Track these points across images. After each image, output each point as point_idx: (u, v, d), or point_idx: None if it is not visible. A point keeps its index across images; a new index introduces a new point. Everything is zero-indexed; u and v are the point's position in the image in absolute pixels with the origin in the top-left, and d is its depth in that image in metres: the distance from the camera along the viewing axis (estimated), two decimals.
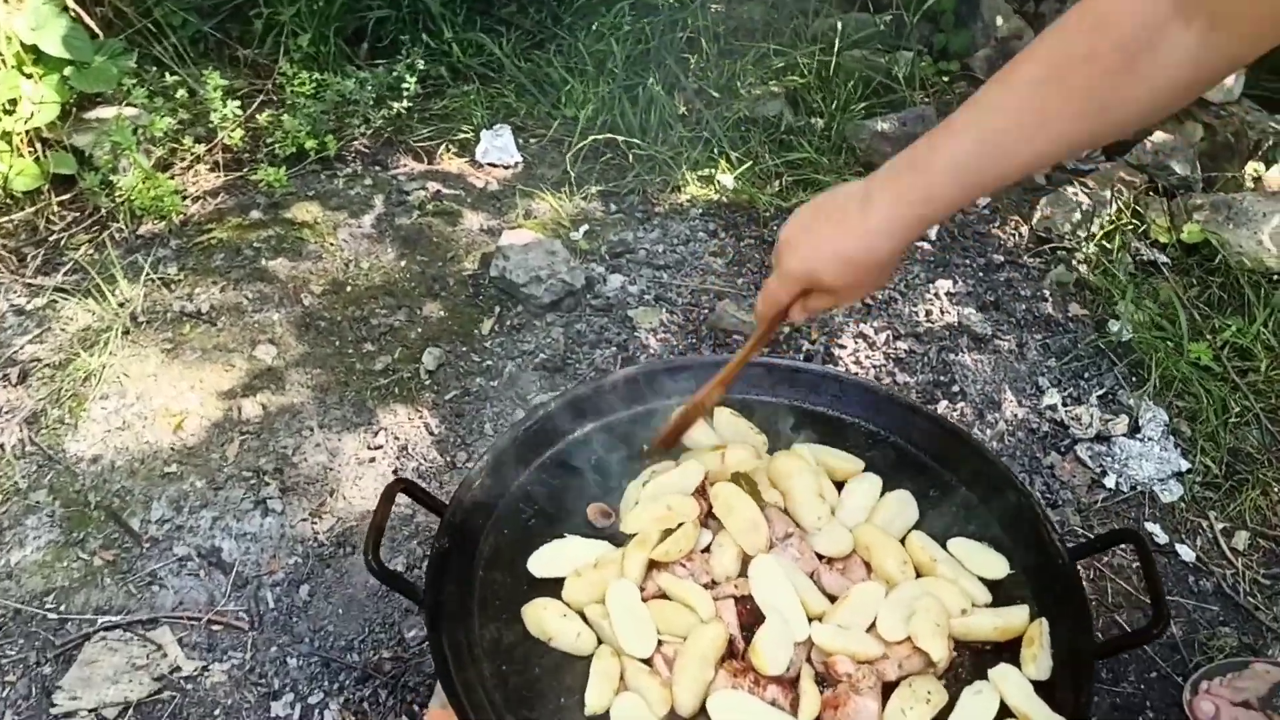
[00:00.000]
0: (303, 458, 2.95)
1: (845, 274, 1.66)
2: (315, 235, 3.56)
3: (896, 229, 1.59)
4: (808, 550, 2.06)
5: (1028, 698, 1.86)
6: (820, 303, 1.78)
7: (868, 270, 1.66)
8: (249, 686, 2.50)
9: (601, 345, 3.27)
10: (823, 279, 1.67)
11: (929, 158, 1.53)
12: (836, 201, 1.65)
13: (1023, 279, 3.49)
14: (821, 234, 1.65)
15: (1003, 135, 1.48)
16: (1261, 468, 3.01)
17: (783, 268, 1.73)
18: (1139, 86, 1.39)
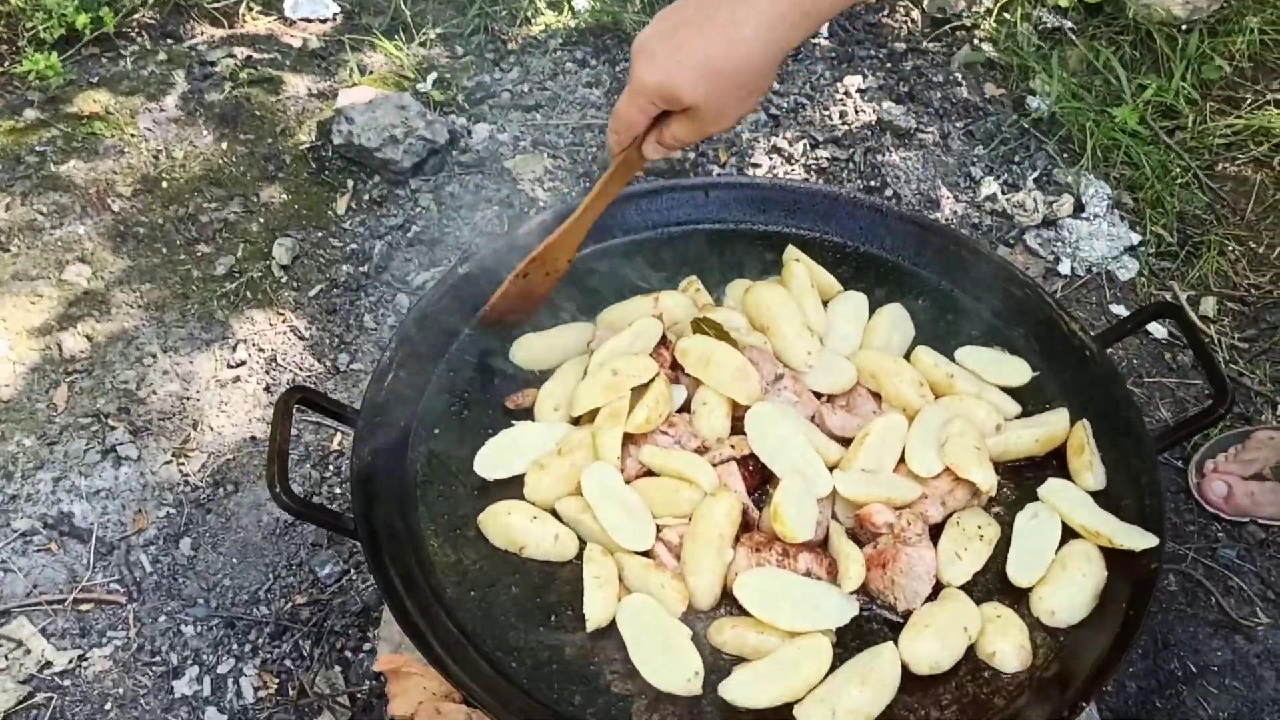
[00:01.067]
0: (150, 391, 2.45)
1: (710, 89, 1.39)
2: (110, 128, 2.96)
3: (775, 33, 1.37)
4: (805, 391, 1.73)
5: (1091, 511, 1.59)
6: (680, 130, 1.48)
7: (736, 85, 1.40)
8: (141, 669, 2.08)
9: (482, 205, 2.82)
10: (682, 94, 1.40)
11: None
12: (701, 5, 1.39)
13: (930, 65, 3.17)
14: (683, 41, 1.38)
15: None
16: (1213, 228, 2.81)
17: (635, 81, 1.43)
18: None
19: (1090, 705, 1.65)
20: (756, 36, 1.35)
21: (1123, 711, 2.05)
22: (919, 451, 1.62)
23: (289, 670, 2.10)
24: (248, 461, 2.36)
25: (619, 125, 1.50)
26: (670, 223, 2.01)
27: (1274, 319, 2.64)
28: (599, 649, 1.48)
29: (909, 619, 1.49)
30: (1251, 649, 2.12)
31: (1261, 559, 2.24)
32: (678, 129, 1.48)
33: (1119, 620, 1.47)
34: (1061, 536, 1.58)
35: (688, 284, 1.91)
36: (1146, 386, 2.52)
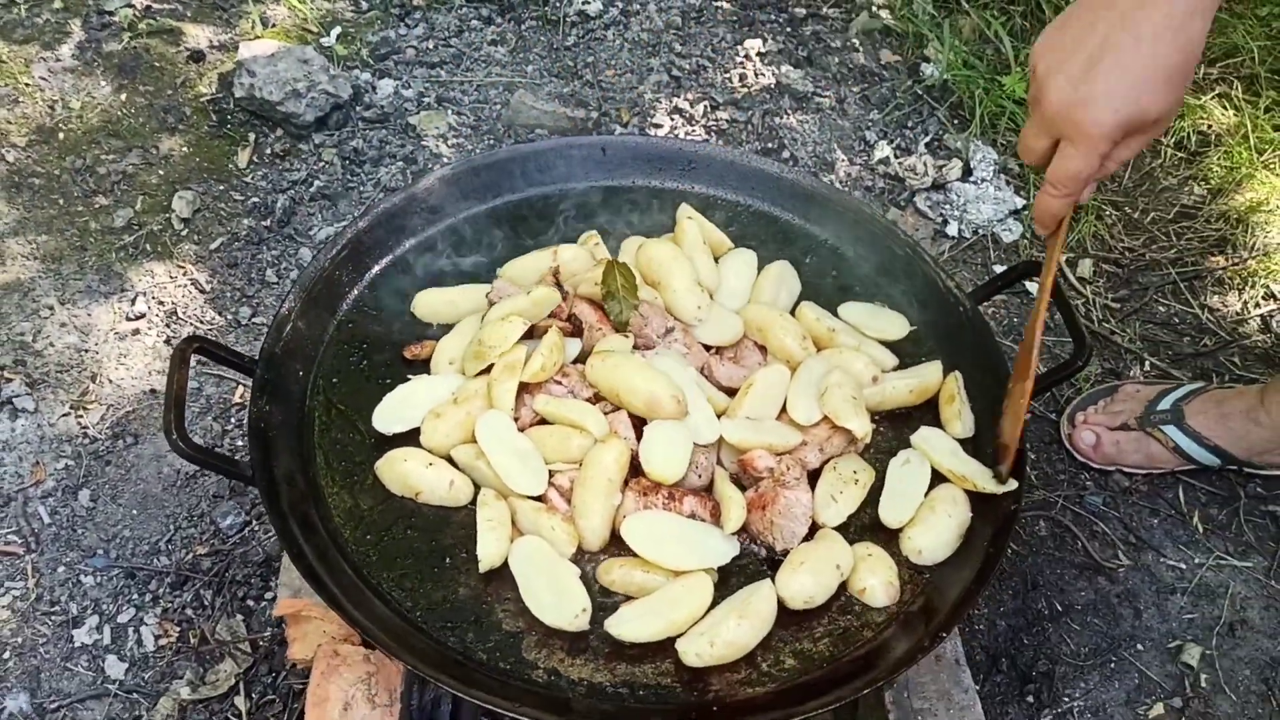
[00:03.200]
0: (47, 343, 2.43)
1: (1173, 92, 1.30)
2: (4, 76, 2.89)
3: (1206, 3, 1.26)
4: (694, 343, 1.80)
5: (957, 457, 1.69)
6: (1129, 150, 1.39)
7: (1190, 72, 1.31)
8: (40, 618, 2.09)
9: (385, 161, 2.83)
10: (1149, 112, 1.31)
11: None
12: (1094, 27, 1.29)
13: (829, 31, 3.24)
14: (1121, 63, 1.28)
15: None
16: (1094, 194, 2.93)
17: (1086, 132, 1.32)
18: None
19: (953, 637, 1.76)
20: (1193, 13, 1.26)
21: (993, 648, 2.17)
22: (799, 401, 1.70)
23: (190, 619, 2.13)
24: (148, 414, 2.36)
25: (1070, 185, 1.41)
26: (569, 179, 2.05)
27: (1144, 280, 2.79)
28: (491, 589, 1.54)
29: (786, 557, 1.58)
30: (1113, 589, 2.26)
31: (1125, 505, 2.38)
32: (1124, 152, 1.39)
33: (980, 558, 1.58)
34: (931, 481, 1.68)
35: (587, 238, 1.96)
36: (1012, 335, 2.65)
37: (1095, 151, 1.34)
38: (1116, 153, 1.38)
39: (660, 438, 1.62)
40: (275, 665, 2.06)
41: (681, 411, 1.65)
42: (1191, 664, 2.16)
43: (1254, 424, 2.27)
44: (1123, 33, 1.27)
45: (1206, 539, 2.34)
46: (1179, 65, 1.28)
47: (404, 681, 1.66)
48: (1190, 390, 2.37)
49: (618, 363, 1.67)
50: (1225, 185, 2.97)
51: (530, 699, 1.40)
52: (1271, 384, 2.26)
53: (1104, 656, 2.17)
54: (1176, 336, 2.69)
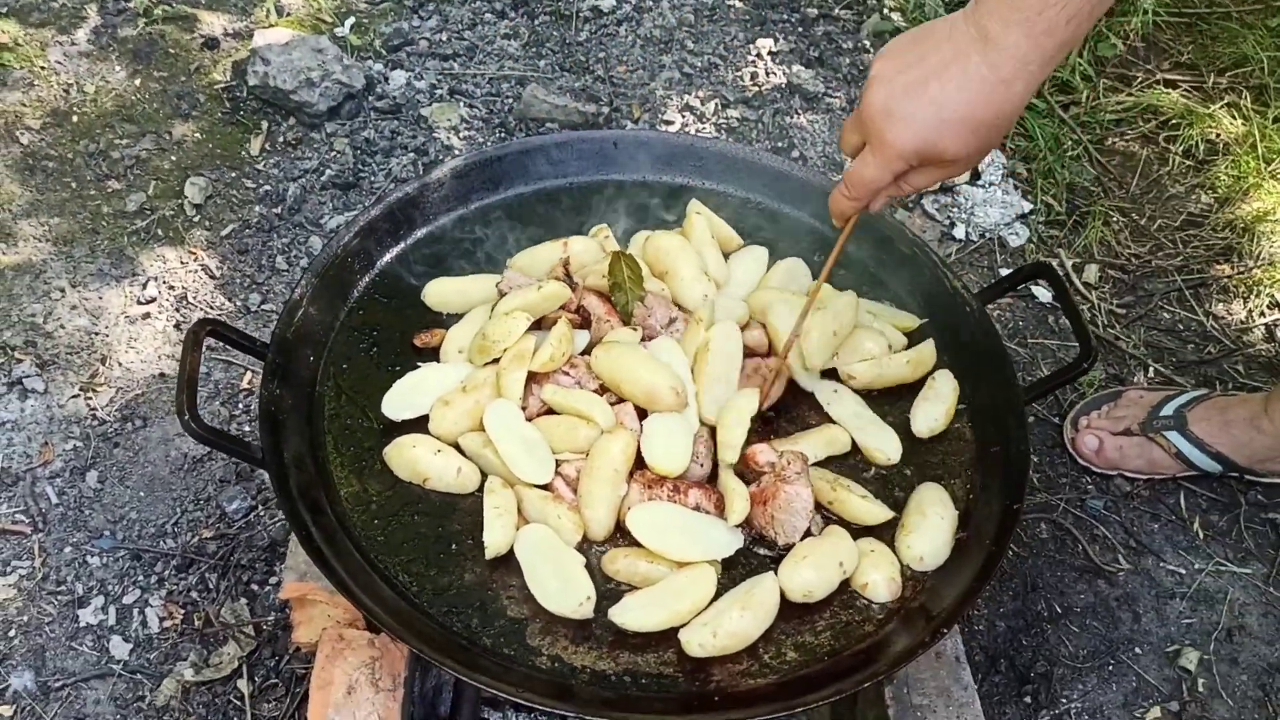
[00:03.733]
0: (58, 324, 2.44)
1: (974, 140, 1.31)
2: (20, 59, 2.91)
3: (1035, 70, 1.25)
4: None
5: (855, 415, 1.76)
6: (922, 179, 1.41)
7: (997, 129, 1.31)
8: (46, 598, 2.10)
9: (397, 152, 2.84)
10: (945, 151, 1.32)
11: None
12: (939, 49, 1.29)
13: (840, 32, 3.25)
14: (936, 94, 1.28)
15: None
16: (1099, 200, 2.95)
17: (886, 144, 1.34)
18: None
19: (953, 634, 1.77)
20: (1016, 77, 1.26)
21: (992, 648, 2.19)
22: None
23: (195, 601, 2.14)
24: (156, 397, 2.38)
25: (859, 190, 1.44)
26: (579, 173, 2.07)
27: (1150, 287, 2.80)
28: (497, 576, 1.56)
29: (790, 551, 1.59)
30: (1112, 593, 2.27)
31: (1126, 510, 2.39)
32: (919, 179, 1.41)
33: (982, 557, 1.59)
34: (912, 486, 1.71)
35: (597, 231, 1.97)
36: (1030, 347, 2.66)
37: (888, 166, 1.37)
38: (911, 177, 1.40)
39: (660, 430, 1.63)
40: (278, 649, 2.08)
41: (681, 403, 1.66)
42: (1189, 668, 2.17)
43: (1256, 431, 2.28)
44: (950, 69, 1.27)
45: (1206, 545, 2.35)
46: (987, 120, 1.29)
47: (408, 666, 1.68)
48: (1194, 397, 2.38)
49: (620, 354, 1.69)
50: (1232, 194, 2.98)
51: (534, 685, 1.42)
52: (1274, 392, 2.27)
53: (1102, 659, 2.18)
54: (1181, 343, 2.70)
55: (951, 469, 1.72)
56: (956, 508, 1.65)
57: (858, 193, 1.44)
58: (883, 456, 1.72)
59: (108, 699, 2.01)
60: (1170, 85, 3.24)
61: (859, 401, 1.77)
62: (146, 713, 1.99)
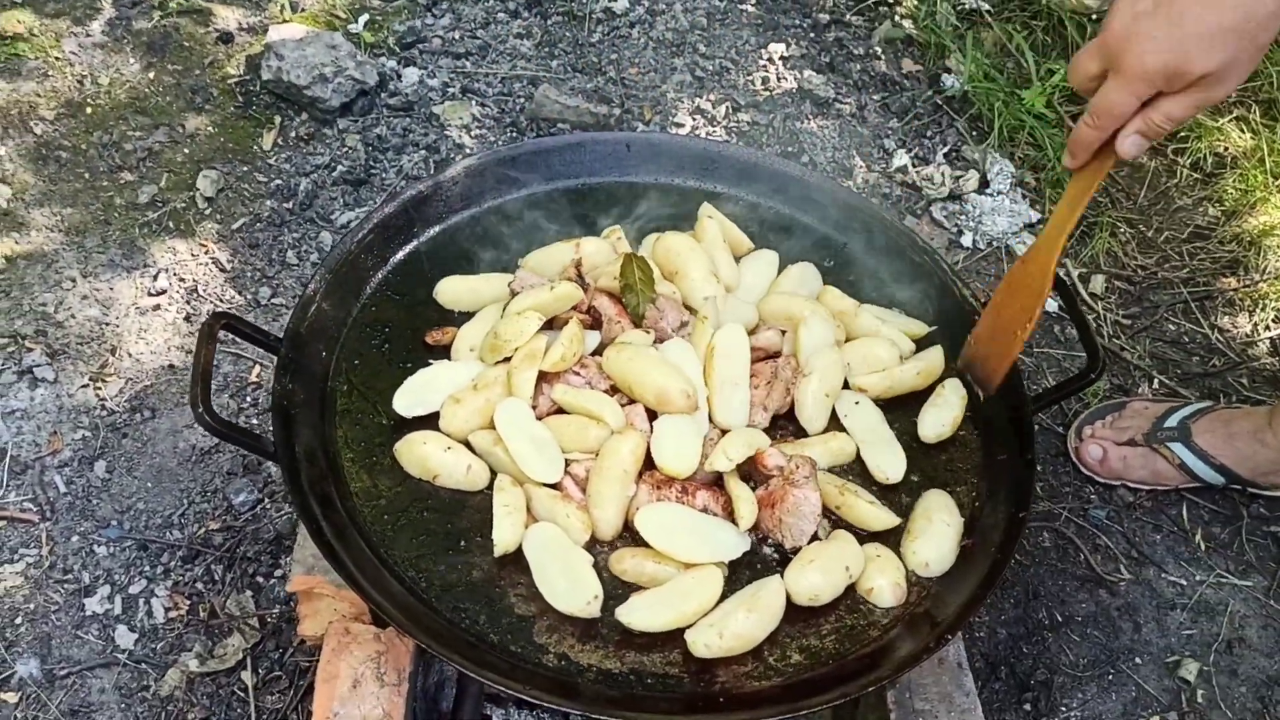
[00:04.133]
0: (69, 314, 2.46)
1: (1222, 51, 1.26)
2: (35, 50, 2.92)
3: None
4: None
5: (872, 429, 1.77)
6: (1176, 107, 1.33)
7: (1251, 37, 1.26)
8: (53, 586, 2.11)
9: (408, 149, 2.85)
10: (1192, 65, 1.27)
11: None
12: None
13: (852, 38, 3.26)
14: (1177, 14, 1.25)
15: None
16: (1106, 210, 2.96)
17: (1127, 67, 1.30)
18: None
19: (956, 641, 1.78)
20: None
21: (993, 655, 2.20)
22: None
23: (200, 593, 2.15)
24: (166, 389, 2.39)
25: (1104, 118, 1.37)
26: (592, 174, 2.08)
27: (1156, 299, 2.81)
28: (505, 574, 1.57)
29: (797, 555, 1.60)
30: (1113, 602, 2.28)
31: (1128, 520, 2.40)
32: (1174, 107, 1.33)
33: (987, 564, 1.60)
34: (918, 492, 1.72)
35: (609, 232, 1.98)
36: (1036, 356, 2.67)
37: (1133, 90, 1.32)
38: (1164, 105, 1.34)
39: (670, 432, 1.64)
40: (283, 642, 2.09)
41: (691, 406, 1.67)
42: (1189, 679, 2.18)
43: (1260, 445, 2.29)
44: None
45: (1208, 557, 2.36)
46: (1235, 27, 1.25)
47: (413, 661, 1.69)
48: (1198, 409, 2.39)
49: (632, 355, 1.69)
50: (1239, 207, 2.99)
51: (540, 682, 1.43)
52: (1278, 406, 2.28)
53: (1102, 668, 2.19)
54: (1186, 355, 2.71)
55: (958, 476, 1.73)
56: (962, 515, 1.67)
57: (1103, 121, 1.38)
58: (882, 475, 1.71)
59: (112, 688, 2.02)
60: None
61: (879, 417, 1.78)
62: (150, 702, 2.00)
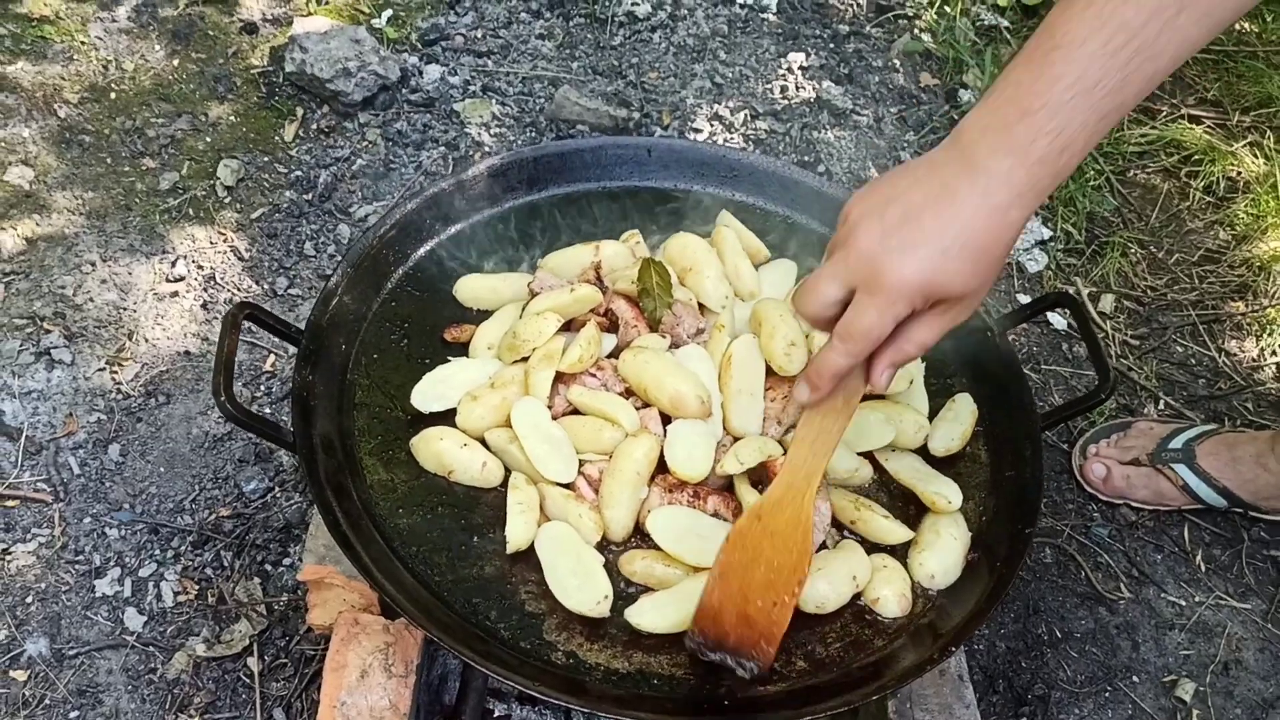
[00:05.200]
0: (87, 298, 2.48)
1: (977, 272, 1.20)
2: (61, 33, 2.95)
3: (1029, 198, 1.17)
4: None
5: (913, 470, 1.76)
6: (927, 331, 1.27)
7: (998, 259, 1.22)
8: (64, 566, 2.13)
9: (428, 145, 2.88)
10: (950, 284, 1.20)
11: (1044, 91, 1.12)
12: (922, 184, 1.21)
13: (871, 50, 3.29)
14: (934, 224, 1.19)
15: (1142, 28, 1.08)
16: (1119, 230, 2.98)
17: (886, 285, 1.21)
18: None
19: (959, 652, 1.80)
20: (1012, 205, 1.17)
21: (992, 669, 2.22)
22: None
23: (209, 578, 2.17)
24: (181, 375, 2.41)
25: (858, 342, 1.27)
26: (612, 178, 2.10)
27: (1165, 320, 2.83)
28: (516, 571, 1.58)
29: None
30: (1112, 620, 2.30)
31: (1130, 539, 2.42)
32: (924, 331, 1.27)
33: (992, 579, 1.62)
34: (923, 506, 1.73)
35: (628, 236, 2.00)
36: (1044, 373, 2.69)
37: (892, 309, 1.23)
38: (914, 331, 1.28)
39: (683, 436, 1.66)
40: (289, 629, 2.11)
41: (705, 412, 1.69)
42: (1185, 699, 2.20)
43: (1262, 469, 2.31)
44: (941, 201, 1.19)
45: (1208, 578, 2.38)
46: (987, 247, 1.19)
47: (421, 653, 1.71)
48: (1203, 431, 2.41)
49: (648, 359, 1.71)
50: (1250, 232, 3.01)
51: (548, 678, 1.44)
52: None
53: (1099, 685, 2.21)
54: (1192, 378, 2.73)
55: (966, 490, 1.74)
56: (969, 529, 1.69)
57: (858, 345, 1.27)
58: (945, 502, 1.68)
59: (120, 669, 2.04)
60: (1194, 121, 3.27)
61: (916, 458, 1.78)
62: (157, 685, 2.02)
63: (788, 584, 1.44)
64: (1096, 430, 2.52)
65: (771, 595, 1.45)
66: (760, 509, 1.48)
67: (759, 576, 1.45)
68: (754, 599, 1.45)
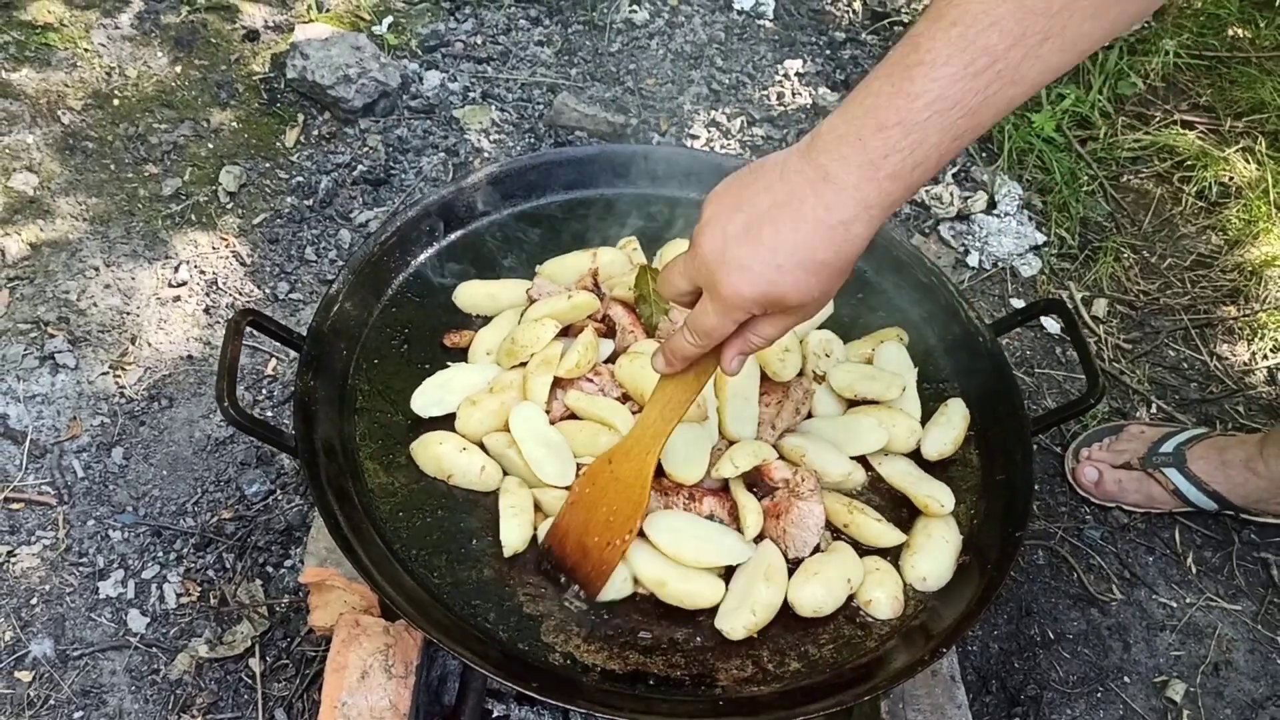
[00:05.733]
0: (91, 302, 2.50)
1: (815, 284, 1.21)
2: (64, 40, 2.98)
3: (876, 212, 1.17)
4: None
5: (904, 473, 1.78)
6: (771, 329, 1.30)
7: (842, 274, 1.23)
8: (68, 568, 2.15)
9: (428, 151, 2.90)
10: (789, 298, 1.22)
11: (902, 107, 1.11)
12: (771, 190, 1.20)
13: (866, 56, 3.31)
14: (772, 239, 1.19)
15: (1006, 53, 1.07)
16: (1111, 235, 3.01)
17: (727, 295, 1.24)
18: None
19: (950, 654, 1.83)
20: (856, 219, 1.16)
21: (985, 669, 2.24)
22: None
23: (211, 580, 2.20)
24: (184, 379, 2.44)
25: (702, 338, 1.32)
26: (611, 185, 2.13)
27: (1157, 324, 2.86)
28: (514, 573, 1.61)
29: (799, 566, 1.64)
30: (1104, 621, 2.33)
31: (1122, 541, 2.45)
32: (766, 328, 1.30)
33: (983, 581, 1.64)
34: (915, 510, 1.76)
35: (625, 243, 2.03)
36: (1037, 376, 2.71)
37: (729, 316, 1.27)
38: (758, 326, 1.30)
39: (680, 440, 1.69)
40: (291, 631, 2.13)
41: (701, 415, 1.72)
42: (1175, 700, 2.23)
43: (1252, 473, 2.34)
44: (784, 211, 1.18)
45: (1198, 580, 2.41)
46: (827, 262, 1.19)
47: (420, 655, 1.74)
48: (1193, 435, 2.43)
49: (645, 364, 1.73)
50: (1242, 237, 3.03)
51: (545, 679, 1.47)
52: (1270, 435, 2.33)
53: (1091, 686, 2.24)
54: (1184, 381, 2.76)
55: (958, 494, 1.77)
56: (961, 532, 1.71)
57: (702, 340, 1.33)
58: (938, 506, 1.71)
59: (123, 670, 2.06)
60: (1187, 126, 3.30)
61: (909, 462, 1.81)
62: (160, 685, 2.05)
63: (621, 529, 1.56)
64: (1089, 434, 2.55)
65: (608, 535, 1.57)
66: (613, 454, 1.58)
67: (601, 515, 1.58)
68: (593, 533, 1.58)
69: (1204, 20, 3.58)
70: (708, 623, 1.58)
